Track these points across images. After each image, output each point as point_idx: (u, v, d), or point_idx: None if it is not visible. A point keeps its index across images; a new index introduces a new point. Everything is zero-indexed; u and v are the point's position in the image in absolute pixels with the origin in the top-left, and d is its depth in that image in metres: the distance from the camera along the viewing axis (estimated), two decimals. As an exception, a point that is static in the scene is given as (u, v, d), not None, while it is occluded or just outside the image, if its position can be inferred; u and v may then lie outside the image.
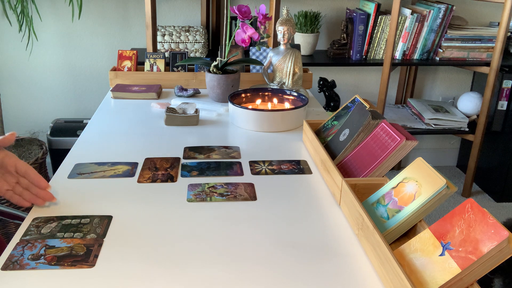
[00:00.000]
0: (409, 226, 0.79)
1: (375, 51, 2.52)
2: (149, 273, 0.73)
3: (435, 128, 2.53)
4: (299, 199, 0.97)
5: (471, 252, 0.63)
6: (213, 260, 0.77)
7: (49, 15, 2.47)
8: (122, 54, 1.72)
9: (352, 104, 1.19)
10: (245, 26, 1.40)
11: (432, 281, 0.65)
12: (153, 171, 1.07)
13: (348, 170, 1.01)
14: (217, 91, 1.53)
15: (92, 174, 1.05)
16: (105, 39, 2.56)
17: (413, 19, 2.41)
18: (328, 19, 2.65)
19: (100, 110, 1.48)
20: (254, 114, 1.32)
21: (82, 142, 1.23)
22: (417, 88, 2.88)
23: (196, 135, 1.30)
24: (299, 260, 0.77)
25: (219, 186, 1.01)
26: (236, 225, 0.87)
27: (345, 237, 0.84)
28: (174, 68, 1.73)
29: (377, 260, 0.74)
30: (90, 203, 0.93)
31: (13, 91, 2.60)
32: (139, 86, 1.65)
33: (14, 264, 0.74)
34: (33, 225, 0.85)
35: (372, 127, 1.01)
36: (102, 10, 2.50)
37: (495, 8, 2.72)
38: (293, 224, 0.88)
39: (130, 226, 0.86)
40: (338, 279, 0.73)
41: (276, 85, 1.55)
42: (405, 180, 0.83)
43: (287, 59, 1.53)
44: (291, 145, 1.25)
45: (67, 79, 2.62)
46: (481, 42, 2.48)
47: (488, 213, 0.64)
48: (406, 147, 0.91)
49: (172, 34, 2.36)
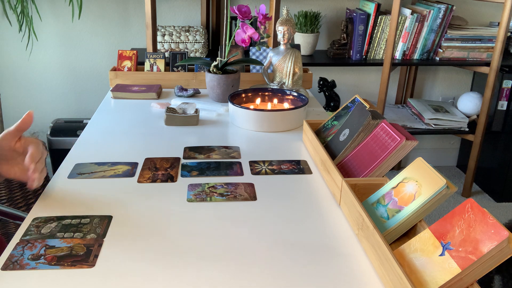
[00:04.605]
0: (409, 226, 0.79)
1: (375, 51, 2.52)
2: (149, 273, 0.73)
3: (435, 128, 2.53)
4: (299, 199, 0.97)
5: (471, 252, 0.63)
6: (213, 260, 0.77)
7: (49, 15, 2.47)
8: (122, 54, 1.72)
9: (352, 104, 1.19)
10: (245, 26, 1.40)
11: (432, 281, 0.65)
12: (153, 171, 1.07)
13: (348, 170, 1.01)
14: (217, 91, 1.53)
15: (92, 174, 1.05)
16: (105, 39, 2.56)
17: (413, 19, 2.41)
18: (328, 19, 2.65)
19: (100, 110, 1.48)
20: (254, 114, 1.32)
21: (82, 142, 1.23)
22: (417, 88, 2.88)
23: (196, 135, 1.30)
24: (299, 260, 0.77)
25: (219, 186, 1.01)
26: (236, 225, 0.87)
27: (345, 237, 0.84)
28: (174, 68, 1.73)
29: (377, 260, 0.74)
30: (90, 203, 0.93)
31: (13, 91, 2.60)
32: (139, 86, 1.65)
33: (14, 264, 0.74)
34: (33, 225, 0.85)
35: (372, 127, 1.01)
36: (102, 10, 2.50)
37: (495, 8, 2.72)
38: (293, 224, 0.88)
39: (130, 226, 0.86)
40: (338, 279, 0.73)
41: (276, 85, 1.55)
42: (405, 180, 0.83)
43: (287, 59, 1.53)
44: (291, 145, 1.25)
45: (67, 79, 2.62)
46: (481, 42, 2.48)
47: (488, 213, 0.64)
48: (406, 147, 0.91)
49: (172, 34, 2.36)
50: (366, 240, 0.79)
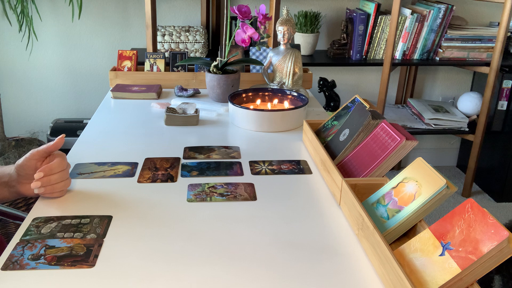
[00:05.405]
0: (409, 226, 0.79)
1: (375, 51, 2.52)
2: (149, 273, 0.73)
3: (435, 128, 2.53)
4: (299, 199, 0.97)
5: (471, 252, 0.63)
6: (213, 260, 0.77)
7: (49, 15, 2.47)
8: (122, 54, 1.72)
9: (352, 104, 1.19)
10: (245, 26, 1.40)
11: (432, 281, 0.65)
12: (153, 171, 1.07)
13: (348, 170, 1.01)
14: (217, 91, 1.53)
15: (92, 174, 1.05)
16: (105, 39, 2.56)
17: (413, 19, 2.41)
18: (328, 19, 2.65)
19: (100, 110, 1.48)
20: (254, 114, 1.32)
21: (82, 142, 1.23)
22: (417, 88, 2.88)
23: (196, 135, 1.30)
24: (299, 260, 0.77)
25: (219, 186, 1.01)
26: (236, 225, 0.87)
27: (345, 237, 0.84)
28: (174, 68, 1.73)
29: (377, 260, 0.74)
30: (90, 203, 0.93)
31: (13, 91, 2.60)
32: (139, 86, 1.65)
33: (14, 264, 0.74)
34: (33, 225, 0.85)
35: (372, 127, 1.01)
36: (102, 10, 2.50)
37: (495, 8, 2.72)
38: (293, 224, 0.88)
39: (130, 226, 0.86)
40: (338, 279, 0.73)
41: (276, 85, 1.55)
42: (405, 180, 0.83)
43: (287, 59, 1.53)
44: (291, 145, 1.25)
45: (67, 79, 2.62)
46: (481, 42, 2.48)
47: (488, 213, 0.64)
48: (406, 147, 0.91)
49: (172, 34, 2.36)
50: (366, 240, 0.79)
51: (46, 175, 0.89)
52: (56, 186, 0.91)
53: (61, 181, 0.91)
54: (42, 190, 0.90)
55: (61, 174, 0.91)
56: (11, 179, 0.93)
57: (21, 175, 0.92)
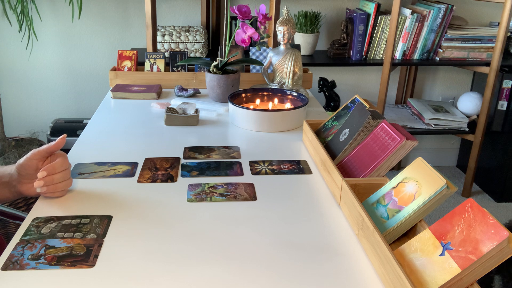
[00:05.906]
0: (409, 226, 0.79)
1: (375, 51, 2.52)
2: (149, 273, 0.73)
3: (435, 128, 2.53)
4: (299, 199, 0.97)
5: (471, 252, 0.63)
6: (213, 260, 0.77)
7: (49, 15, 2.47)
8: (122, 54, 1.72)
9: (352, 104, 1.19)
10: (245, 26, 1.40)
11: (432, 281, 0.65)
12: (153, 171, 1.07)
13: (348, 170, 1.01)
14: (217, 91, 1.53)
15: (92, 174, 1.05)
16: (105, 39, 2.56)
17: (413, 19, 2.41)
18: (328, 19, 2.65)
19: (100, 110, 1.48)
20: (254, 114, 1.32)
21: (82, 142, 1.23)
22: (417, 88, 2.88)
23: (196, 135, 1.30)
24: (299, 260, 0.77)
25: (219, 186, 1.01)
26: (236, 225, 0.87)
27: (345, 237, 0.84)
28: (174, 68, 1.73)
29: (377, 260, 0.74)
30: (90, 203, 0.93)
31: (13, 91, 2.60)
32: (139, 86, 1.65)
33: (14, 264, 0.74)
34: (33, 225, 0.85)
35: (372, 127, 1.01)
36: (102, 10, 2.50)
37: (495, 8, 2.72)
38: (293, 224, 0.88)
39: (130, 226, 0.86)
40: (338, 279, 0.73)
41: (276, 85, 1.55)
42: (405, 180, 0.83)
43: (287, 59, 1.53)
44: (291, 145, 1.25)
45: (67, 79, 2.62)
46: (481, 42, 2.48)
47: (488, 213, 0.64)
48: (406, 147, 0.91)
49: (172, 34, 2.36)
50: (366, 240, 0.79)
51: (49, 174, 0.89)
52: (58, 185, 0.91)
53: (63, 180, 0.92)
54: (44, 189, 0.90)
55: (64, 173, 0.91)
56: (11, 179, 0.93)
57: (22, 175, 0.92)
